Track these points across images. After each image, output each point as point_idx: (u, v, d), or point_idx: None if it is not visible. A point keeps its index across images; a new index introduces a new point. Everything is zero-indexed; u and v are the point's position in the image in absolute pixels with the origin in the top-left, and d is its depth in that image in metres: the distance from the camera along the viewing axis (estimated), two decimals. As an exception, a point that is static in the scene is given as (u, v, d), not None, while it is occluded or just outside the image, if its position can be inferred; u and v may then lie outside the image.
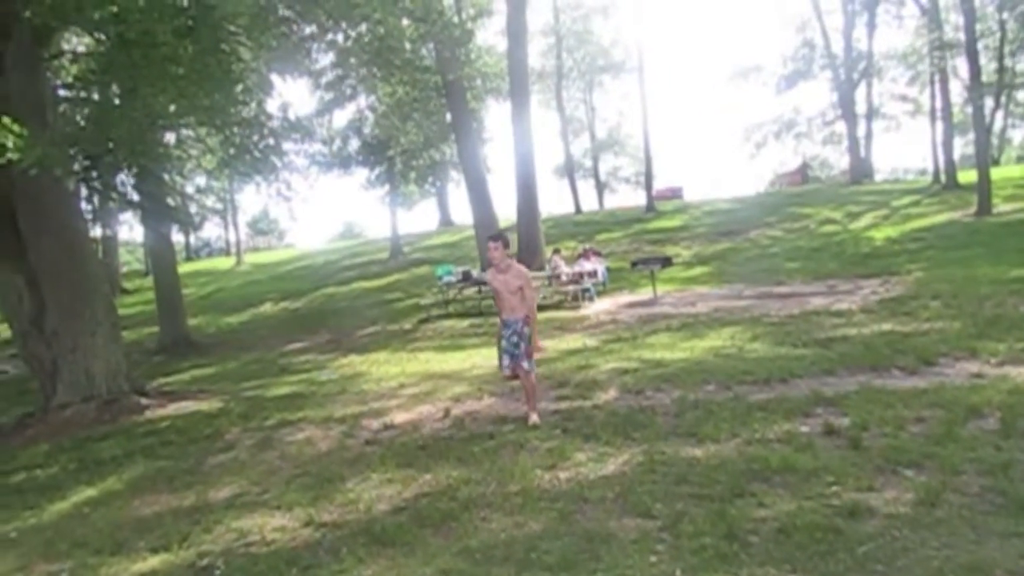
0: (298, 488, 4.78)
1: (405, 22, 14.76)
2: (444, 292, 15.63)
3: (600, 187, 47.65)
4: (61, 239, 8.37)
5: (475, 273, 15.85)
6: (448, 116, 21.07)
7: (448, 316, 14.35)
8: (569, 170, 40.62)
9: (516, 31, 18.80)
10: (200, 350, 14.80)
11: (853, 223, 20.33)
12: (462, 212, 39.88)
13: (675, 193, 39.96)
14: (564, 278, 14.59)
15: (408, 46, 15.99)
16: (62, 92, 12.19)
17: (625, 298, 14.24)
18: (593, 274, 14.81)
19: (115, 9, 7.17)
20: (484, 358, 9.37)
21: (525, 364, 5.78)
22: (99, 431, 7.49)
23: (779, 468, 4.05)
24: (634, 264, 15.14)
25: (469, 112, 21.11)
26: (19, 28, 8.49)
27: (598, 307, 13.29)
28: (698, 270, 17.13)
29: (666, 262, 14.89)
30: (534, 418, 5.74)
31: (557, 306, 13.89)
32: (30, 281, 8.28)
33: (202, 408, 8.14)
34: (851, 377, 6.18)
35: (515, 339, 5.82)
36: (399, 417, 6.56)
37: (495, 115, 51.31)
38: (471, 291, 15.24)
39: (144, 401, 8.51)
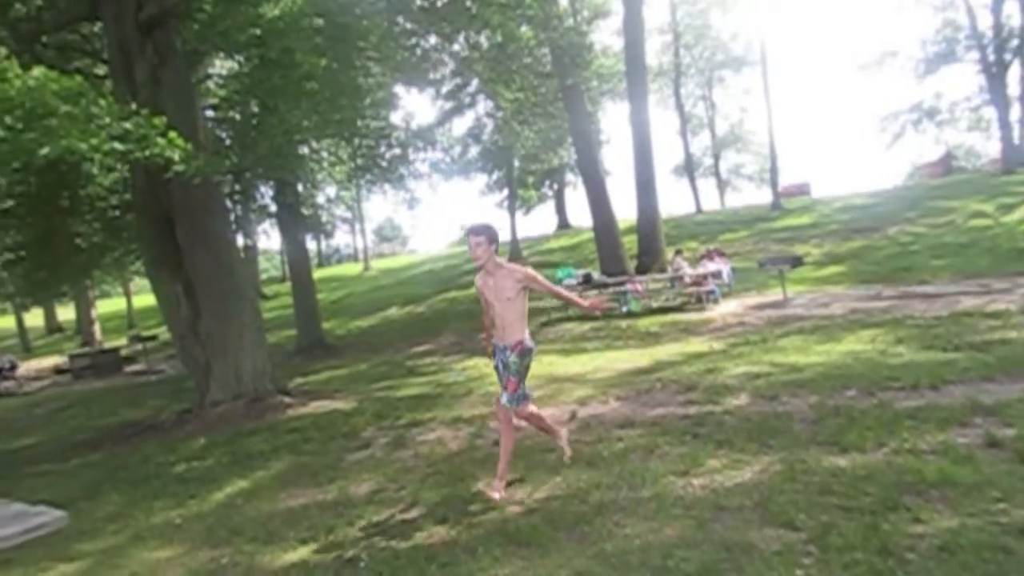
0: (432, 486, 4.92)
1: (523, 28, 14.97)
2: (564, 295, 15.64)
3: (722, 185, 46.32)
4: (213, 250, 9.05)
5: (596, 275, 15.79)
6: (566, 119, 21.10)
7: (569, 319, 14.36)
8: (689, 169, 39.73)
9: (633, 30, 18.60)
10: (333, 352, 15.55)
11: (1007, 216, 18.66)
12: (580, 215, 39.89)
13: (802, 189, 38.16)
14: (687, 279, 14.26)
15: (527, 52, 16.19)
16: (208, 113, 13.18)
17: (752, 300, 13.74)
18: (718, 275, 14.38)
19: (258, 32, 7.69)
20: (607, 361, 9.33)
21: (504, 398, 4.62)
22: (248, 427, 8.03)
23: (935, 481, 3.78)
24: (761, 264, 14.59)
25: (587, 114, 21.07)
26: (174, 54, 9.27)
27: (724, 309, 12.90)
28: (831, 269, 16.28)
29: (796, 262, 14.24)
30: (565, 448, 5.00)
31: (680, 308, 13.59)
32: (187, 289, 9.00)
33: (339, 407, 8.55)
34: (1013, 384, 5.67)
35: (501, 369, 4.70)
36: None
37: (612, 116, 50.86)
38: (592, 293, 15.17)
39: (286, 400, 9.05)
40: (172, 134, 6.40)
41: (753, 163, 48.70)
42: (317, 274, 25.44)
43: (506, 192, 32.49)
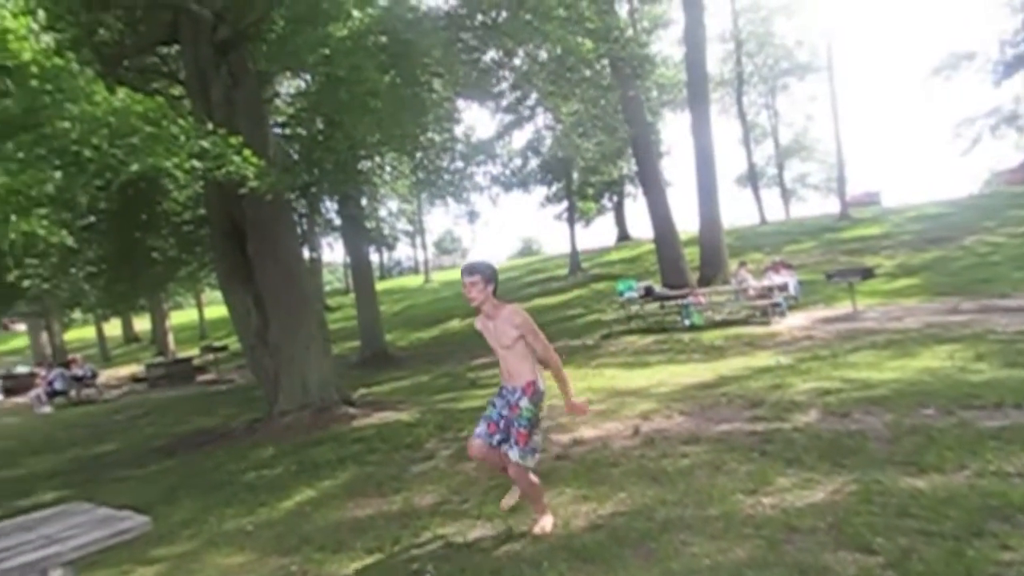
0: (495, 499, 4.92)
1: (583, 41, 14.99)
2: (626, 307, 15.53)
3: (786, 195, 45.30)
4: (282, 263, 9.31)
5: (657, 288, 15.62)
6: (625, 131, 21.01)
7: (631, 332, 14.23)
8: (752, 179, 39.01)
9: (694, 39, 18.44)
10: (396, 363, 15.78)
11: (1095, 225, 17.72)
12: (640, 227, 39.59)
13: (872, 199, 37.10)
14: (752, 292, 13.98)
15: (586, 65, 16.19)
16: (276, 130, 13.62)
17: (820, 313, 13.37)
18: (784, 287, 14.06)
19: (327, 51, 7.91)
20: (670, 375, 9.20)
21: (513, 453, 4.03)
22: (314, 437, 8.20)
23: (1023, 506, 3.60)
24: (830, 276, 14.19)
25: (647, 125, 20.93)
26: (246, 75, 9.61)
27: (790, 322, 12.59)
28: (904, 282, 15.72)
29: (867, 273, 13.80)
30: (542, 524, 4.18)
31: (745, 321, 13.32)
32: (256, 300, 9.28)
33: (402, 418, 8.66)
34: (1106, 404, 5.37)
35: (505, 412, 4.18)
36: (587, 433, 6.59)
37: (673, 126, 50.40)
38: (653, 306, 15.01)
39: (351, 410, 9.21)
40: (246, 152, 6.63)
41: (819, 172, 47.52)
42: (379, 286, 25.89)
43: (565, 204, 32.48)
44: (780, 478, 4.53)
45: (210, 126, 6.73)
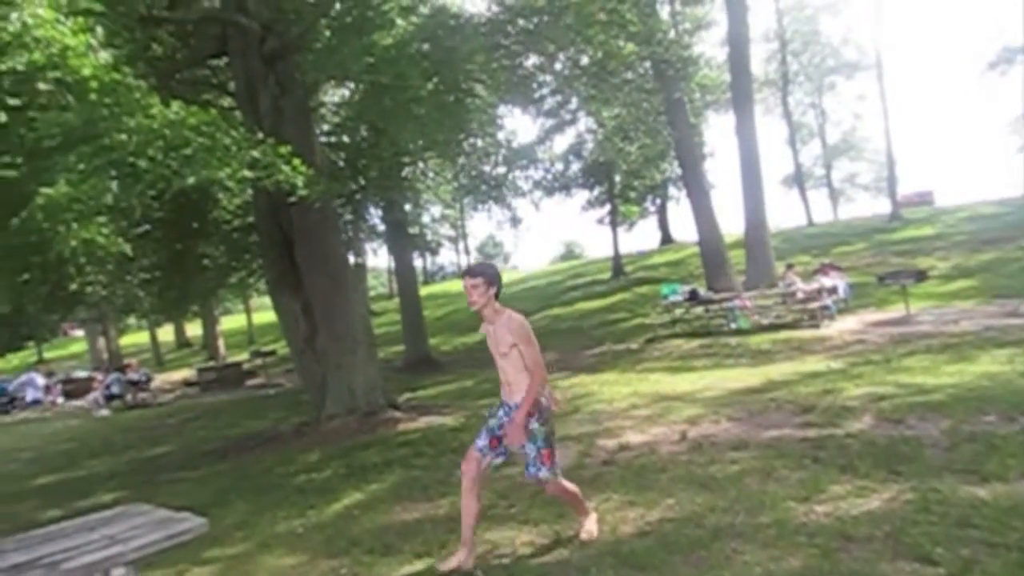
0: (542, 505, 4.92)
1: (622, 43, 14.94)
2: (670, 311, 15.39)
3: (834, 196, 44.37)
4: (329, 269, 9.45)
5: (702, 292, 15.44)
6: (668, 133, 20.83)
7: (676, 336, 14.09)
8: (799, 180, 38.32)
9: (737, 40, 18.19)
10: (440, 368, 15.88)
11: None
12: (684, 229, 39.16)
13: (924, 198, 36.02)
14: (800, 295, 13.71)
15: (627, 68, 16.12)
16: (322, 139, 13.86)
17: (871, 316, 13.06)
18: (833, 290, 13.77)
19: (372, 60, 8.02)
20: (717, 379, 9.08)
21: (544, 473, 3.98)
22: (361, 441, 8.30)
23: (1092, 516, 3.46)
24: (881, 279, 13.84)
25: (690, 127, 20.72)
26: (294, 85, 9.79)
27: (840, 326, 12.31)
28: (959, 284, 15.26)
29: (920, 276, 13.44)
30: (588, 529, 4.17)
31: (793, 325, 13.08)
32: (304, 307, 9.44)
33: (447, 422, 8.72)
34: None
35: (496, 425, 4.06)
36: (634, 438, 6.54)
37: (716, 128, 49.87)
38: (698, 310, 14.84)
39: (397, 414, 9.30)
40: (295, 161, 6.76)
41: (868, 172, 46.50)
42: (423, 291, 26.13)
43: (608, 208, 32.34)
44: (833, 486, 4.43)
45: (260, 136, 6.88)
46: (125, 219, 8.32)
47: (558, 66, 15.32)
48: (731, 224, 21.18)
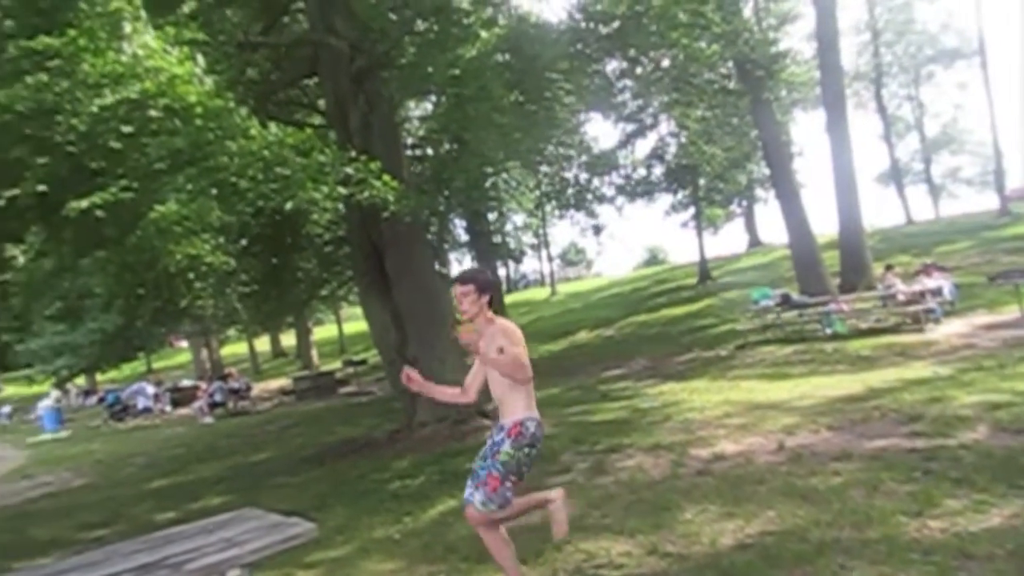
0: (637, 514, 4.87)
1: (706, 45, 14.69)
2: (761, 316, 14.95)
3: (935, 192, 42.11)
4: (418, 279, 9.66)
5: (795, 296, 14.94)
6: (754, 134, 20.32)
7: (768, 342, 13.67)
8: (896, 176, 36.63)
9: (826, 34, 17.55)
10: (526, 376, 15.93)
11: None
12: (772, 232, 38.04)
13: (1036, 192, 33.74)
14: (901, 297, 13.07)
15: (710, 70, 15.81)
16: (406, 152, 14.18)
17: (981, 319, 12.30)
18: (937, 292, 13.04)
19: (456, 72, 8.19)
20: (814, 387, 8.76)
21: (477, 496, 3.51)
22: (452, 448, 8.43)
23: None
24: (992, 279, 13.03)
25: (777, 126, 20.12)
26: (381, 101, 10.08)
27: (947, 330, 11.66)
28: (1080, 282, 14.17)
29: (1035, 275, 12.56)
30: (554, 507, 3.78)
31: (895, 329, 12.48)
32: (395, 316, 9.68)
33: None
34: None
35: (482, 452, 3.70)
36: (728, 448, 6.39)
37: (805, 125, 48.25)
38: (791, 315, 14.36)
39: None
40: (386, 176, 6.96)
41: (972, 166, 43.95)
42: (506, 299, 26.31)
43: (692, 211, 31.75)
44: (948, 500, 4.20)
45: (353, 153, 7.11)
46: (226, 236, 8.78)
47: (639, 70, 15.21)
48: (823, 225, 20.42)
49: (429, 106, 16.56)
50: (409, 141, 14.77)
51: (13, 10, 6.50)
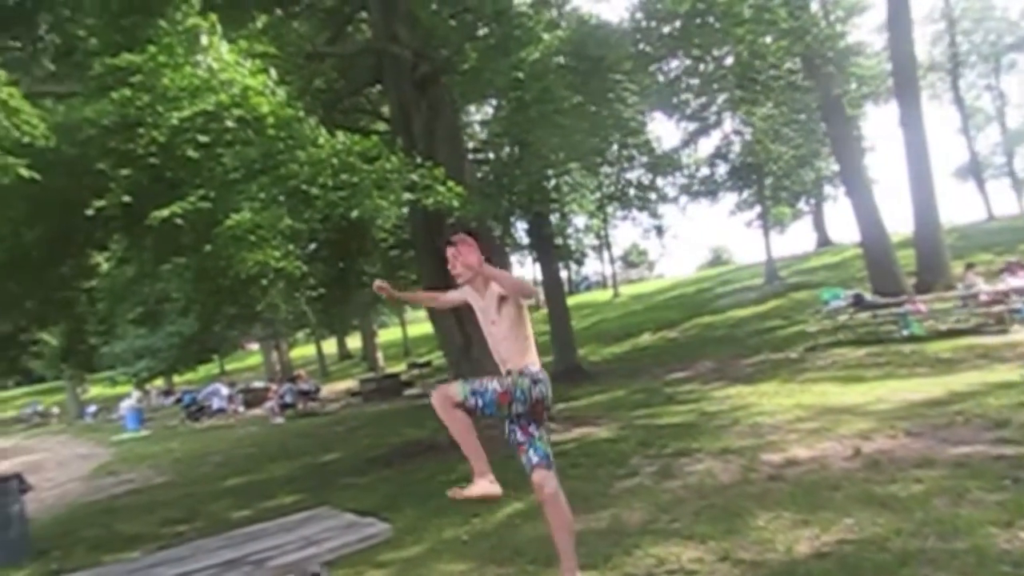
0: (707, 520, 4.79)
1: (769, 40, 14.35)
2: (832, 318, 14.51)
3: (1018, 187, 40.08)
4: (482, 283, 9.72)
5: (868, 296, 14.45)
6: (822, 130, 19.74)
7: (839, 344, 13.26)
8: (975, 170, 35.04)
9: (898, 23, 16.93)
10: (589, 378, 15.86)
11: None
12: (842, 230, 36.90)
13: None
14: (984, 297, 12.50)
15: (775, 66, 15.43)
16: (468, 156, 14.30)
17: (1073, 319, 11.67)
18: (1022, 291, 12.43)
19: (520, 75, 8.23)
20: (891, 391, 8.46)
21: (467, 386, 3.42)
22: (517, 450, 8.44)
23: None
24: (1082, 277, 12.33)
25: (847, 121, 19.51)
26: (444, 106, 10.21)
27: (1034, 331, 11.10)
28: None
29: None
30: (470, 489, 3.68)
31: (977, 331, 11.94)
32: (459, 319, 9.76)
33: (601, 434, 8.69)
34: None
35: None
36: (801, 453, 6.22)
37: (876, 120, 46.60)
38: (864, 316, 13.89)
39: (551, 425, 9.36)
40: (450, 182, 7.05)
41: (1060, 158, 41.57)
42: (568, 301, 26.24)
43: (757, 210, 31.08)
44: (1041, 510, 4.00)
45: (418, 159, 7.22)
46: (295, 242, 9.03)
47: (702, 68, 14.97)
48: (898, 222, 19.71)
49: (490, 110, 16.70)
50: (470, 145, 14.92)
51: (97, 29, 6.85)
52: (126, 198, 5.99)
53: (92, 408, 30.97)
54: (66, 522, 9.50)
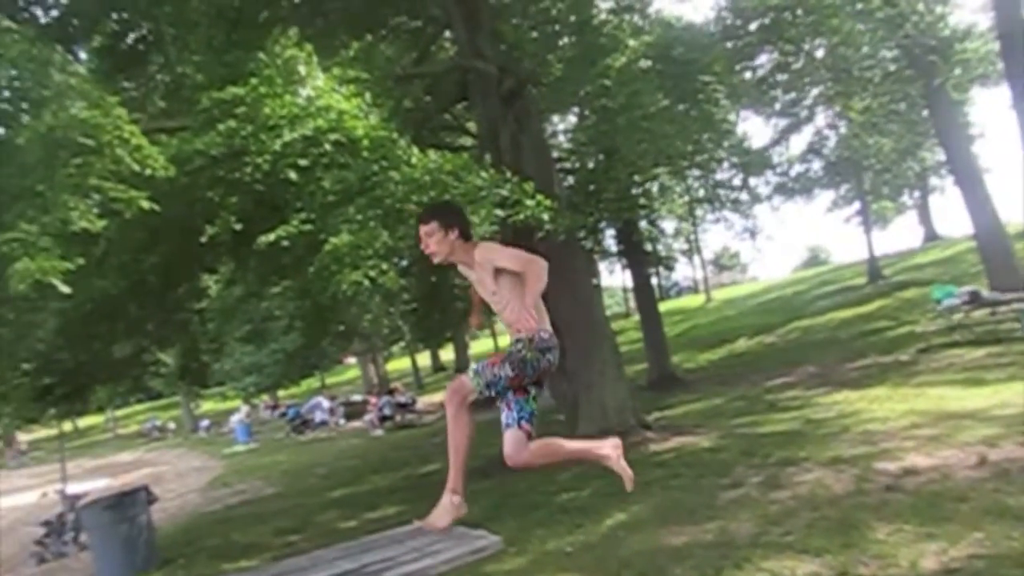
0: (821, 533, 4.60)
1: (863, 28, 13.75)
2: (945, 317, 13.68)
3: None
4: (574, 292, 9.71)
5: (985, 293, 13.56)
6: (925, 118, 18.72)
7: (955, 344, 12.49)
8: (1101, 153, 32.27)
9: (1005, 2, 15.89)
10: (684, 386, 15.54)
11: None
12: (951, 223, 34.86)
13: None
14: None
15: (873, 57, 14.77)
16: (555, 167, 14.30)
17: None
18: None
19: (607, 83, 8.20)
20: (1016, 394, 7.89)
21: (471, 370, 3.18)
22: (615, 461, 8.35)
23: None
24: None
25: (953, 107, 18.44)
26: (530, 119, 10.28)
27: None
28: None
29: None
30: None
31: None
32: (553, 329, 9.76)
33: (701, 443, 8.49)
34: None
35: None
36: (920, 461, 5.89)
37: (985, 104, 43.88)
38: (982, 314, 13.04)
39: (649, 434, 9.26)
40: (540, 196, 7.08)
41: None
42: (659, 307, 25.80)
43: (856, 206, 29.75)
44: None
45: (508, 174, 7.29)
46: (389, 260, 9.28)
47: (792, 62, 14.51)
48: (1013, 212, 18.44)
49: (573, 119, 16.69)
50: (555, 155, 14.95)
51: (203, 65, 7.28)
52: (238, 225, 6.30)
53: (205, 422, 32.70)
54: (187, 531, 10.05)
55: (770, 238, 62.31)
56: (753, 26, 10.04)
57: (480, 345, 39.42)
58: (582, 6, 9.96)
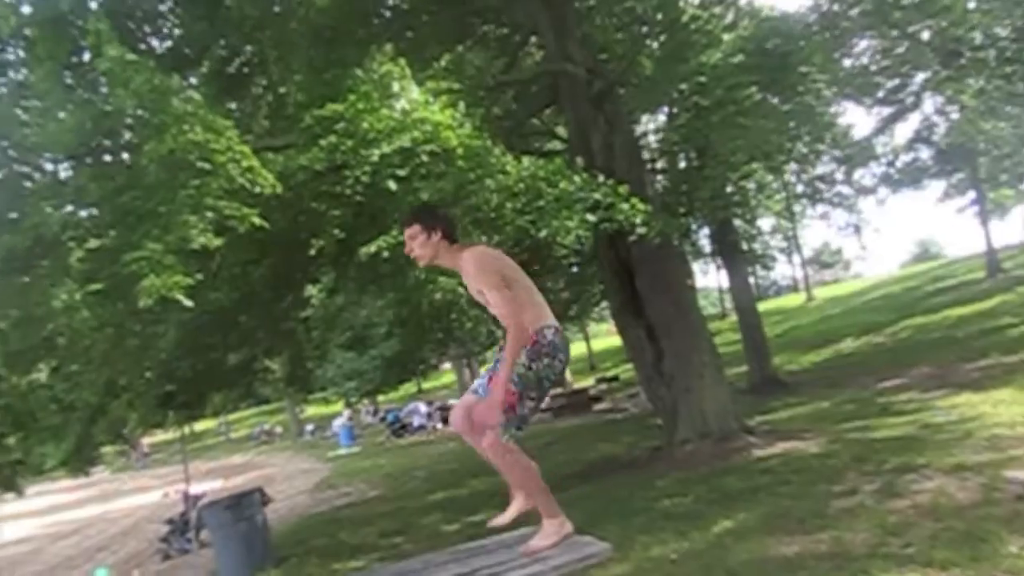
0: (947, 545, 4.34)
1: (973, 4, 12.87)
2: (1078, 312, 12.66)
3: None
4: (671, 295, 9.56)
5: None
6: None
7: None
8: None
9: None
10: (788, 389, 15.00)
11: None
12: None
13: None
14: None
15: (988, 35, 13.81)
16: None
17: None
18: None
19: (702, 80, 8.03)
20: None
21: (493, 415, 2.92)
22: (717, 467, 8.16)
23: None
24: None
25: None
26: (620, 120, 10.19)
27: None
28: None
29: None
30: (539, 539, 3.06)
31: None
32: (649, 333, 9.64)
33: (809, 449, 8.17)
34: None
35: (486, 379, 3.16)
36: (1056, 469, 5.47)
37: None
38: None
39: (752, 439, 8.98)
40: (633, 199, 7.02)
41: None
42: (758, 307, 25.06)
43: (971, 196, 27.94)
44: None
45: (601, 178, 7.25)
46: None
47: (896, 46, 13.77)
48: None
49: (662, 118, 16.41)
50: (645, 156, 14.75)
51: (305, 84, 7.62)
52: (341, 236, 6.54)
53: (310, 426, 34.07)
54: (298, 531, 10.49)
55: (877, 230, 59.03)
56: (855, 11, 9.57)
57: (574, 348, 39.27)
58: (670, 4, 9.81)
